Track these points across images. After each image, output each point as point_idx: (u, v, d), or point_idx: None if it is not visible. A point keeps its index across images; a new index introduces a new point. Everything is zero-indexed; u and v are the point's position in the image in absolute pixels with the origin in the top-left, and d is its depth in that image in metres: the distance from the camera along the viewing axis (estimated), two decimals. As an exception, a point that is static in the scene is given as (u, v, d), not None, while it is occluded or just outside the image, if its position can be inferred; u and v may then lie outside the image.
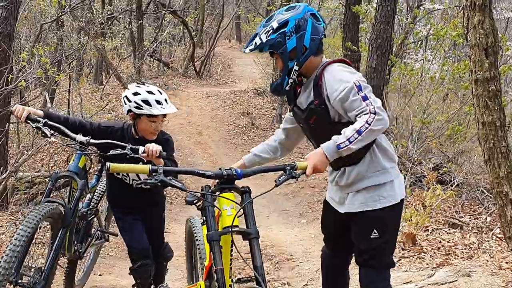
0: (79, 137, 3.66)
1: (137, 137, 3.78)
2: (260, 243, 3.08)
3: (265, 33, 2.84)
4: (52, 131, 3.62)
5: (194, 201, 3.02)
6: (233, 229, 2.55)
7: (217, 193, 2.69)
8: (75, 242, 3.95)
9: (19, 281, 3.27)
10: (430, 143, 8.81)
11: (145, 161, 3.54)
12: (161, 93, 3.69)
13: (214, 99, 17.91)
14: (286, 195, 9.56)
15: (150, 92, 3.64)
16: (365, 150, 2.85)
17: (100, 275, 5.56)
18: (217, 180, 2.75)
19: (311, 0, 20.03)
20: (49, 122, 3.63)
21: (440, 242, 5.80)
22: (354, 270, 3.28)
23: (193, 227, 3.67)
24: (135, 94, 3.63)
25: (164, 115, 3.71)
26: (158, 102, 3.63)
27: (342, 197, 3.03)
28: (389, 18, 8.33)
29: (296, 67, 2.87)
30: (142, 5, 17.59)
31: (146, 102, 3.60)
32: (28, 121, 3.64)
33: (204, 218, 3.08)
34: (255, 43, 2.87)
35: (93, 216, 4.23)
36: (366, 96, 2.67)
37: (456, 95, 10.76)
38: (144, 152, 3.46)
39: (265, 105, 17.36)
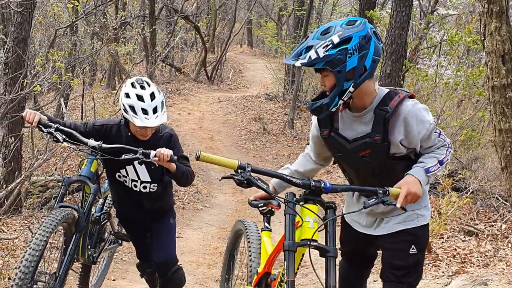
0: (91, 142, 3.57)
1: (130, 134, 3.65)
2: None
3: (323, 47, 2.52)
4: (64, 136, 3.56)
5: (259, 205, 3.06)
6: (312, 243, 2.49)
7: (301, 202, 2.60)
8: (89, 247, 3.92)
9: (34, 286, 3.27)
10: (444, 149, 8.73)
11: (157, 165, 3.50)
12: (152, 100, 3.46)
13: (225, 104, 17.93)
14: (298, 200, 9.51)
15: (139, 98, 3.44)
16: (404, 169, 2.77)
17: (113, 280, 5.56)
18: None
19: (323, 4, 20.02)
20: (61, 127, 3.57)
21: (455, 249, 5.74)
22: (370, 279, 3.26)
23: (247, 230, 3.47)
24: (127, 95, 3.49)
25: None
26: (144, 111, 3.43)
27: (372, 221, 2.96)
28: (404, 24, 8.29)
29: (351, 89, 2.60)
30: (155, 10, 17.65)
31: (132, 108, 3.44)
32: (40, 126, 3.58)
33: (266, 223, 3.17)
34: (309, 56, 2.54)
35: (106, 220, 4.22)
36: (440, 132, 2.75)
37: (470, 101, 10.69)
38: (155, 156, 3.40)
39: (277, 110, 17.34)
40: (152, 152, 3.41)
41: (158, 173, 3.69)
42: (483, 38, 4.53)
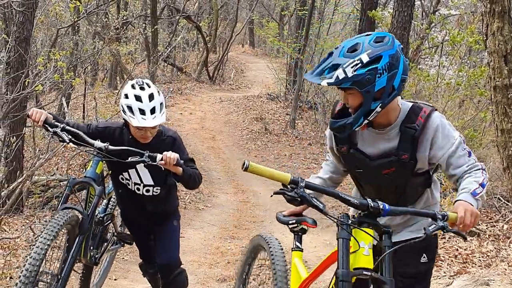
0: (97, 143, 3.53)
1: (130, 137, 3.62)
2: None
3: (351, 66, 2.36)
4: (70, 136, 3.52)
5: (290, 222, 2.86)
6: (368, 273, 2.23)
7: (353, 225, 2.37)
8: (91, 247, 3.89)
9: (35, 287, 3.25)
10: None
11: (163, 168, 3.47)
12: (150, 101, 3.41)
13: (227, 104, 17.94)
14: (300, 201, 9.50)
15: (137, 98, 3.41)
16: (425, 189, 2.73)
17: (115, 279, 5.57)
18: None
19: (325, 4, 20.01)
20: (67, 127, 3.53)
21: (457, 250, 5.74)
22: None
23: (270, 248, 3.06)
24: (126, 96, 3.46)
25: (155, 126, 3.48)
26: (142, 111, 3.38)
27: None
28: (406, 24, 8.29)
29: (378, 109, 2.46)
30: (157, 10, 17.67)
31: (130, 108, 3.41)
32: (46, 125, 3.52)
33: (298, 242, 2.95)
34: (337, 76, 2.38)
35: (110, 221, 4.19)
36: (470, 151, 2.61)
37: (472, 101, 10.68)
38: (162, 159, 3.37)
39: (278, 110, 17.34)
40: (159, 156, 3.38)
41: (161, 176, 3.67)
42: (485, 38, 4.53)
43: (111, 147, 3.52)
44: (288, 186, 2.27)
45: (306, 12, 16.65)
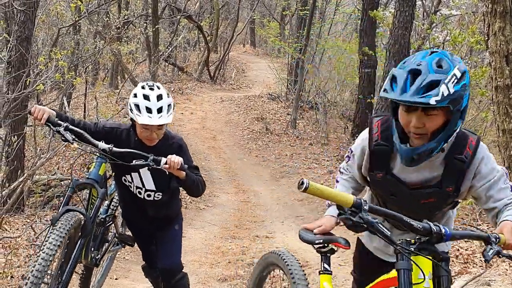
0: (102, 144, 3.47)
1: (136, 139, 3.58)
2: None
3: (452, 82, 2.12)
4: (73, 136, 3.44)
5: (316, 241, 2.54)
6: None
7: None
8: (92, 249, 3.85)
9: None
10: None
11: (167, 172, 3.44)
12: (158, 100, 3.39)
13: (228, 103, 17.94)
14: (300, 200, 9.52)
15: (145, 97, 3.40)
16: (452, 208, 2.63)
17: (116, 279, 5.57)
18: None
19: (326, 4, 20.01)
20: (70, 127, 3.45)
21: (458, 250, 5.73)
22: None
23: (289, 268, 2.71)
24: (134, 95, 3.45)
25: (161, 126, 3.44)
26: (149, 110, 3.36)
27: None
28: (407, 24, 8.29)
29: (458, 129, 2.24)
30: (158, 9, 17.67)
31: (137, 107, 3.39)
32: (48, 123, 3.45)
33: (326, 264, 2.60)
34: (442, 93, 2.10)
35: (111, 222, 4.16)
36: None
37: (473, 102, 10.67)
38: (166, 163, 3.33)
39: (279, 110, 17.34)
40: (163, 159, 3.35)
41: (164, 182, 3.64)
42: (486, 38, 4.52)
43: (115, 148, 3.47)
44: (348, 209, 1.98)
45: (307, 12, 16.65)
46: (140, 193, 3.69)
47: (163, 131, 3.54)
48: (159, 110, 3.38)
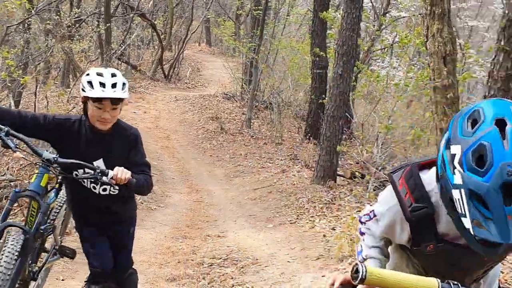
0: (46, 154, 3.27)
1: (88, 124, 3.38)
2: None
3: None
4: (16, 143, 3.20)
5: None
6: None
7: None
8: (30, 262, 3.57)
9: None
10: (394, 148, 8.97)
11: (115, 183, 3.25)
12: (112, 77, 3.24)
13: (182, 103, 17.87)
14: (253, 200, 9.58)
15: (99, 74, 3.23)
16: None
17: (62, 279, 5.49)
18: None
19: (280, 4, 20.17)
20: (11, 131, 3.16)
21: None
22: None
23: None
24: (87, 74, 3.27)
25: (115, 104, 3.26)
26: (102, 84, 3.18)
27: None
28: (355, 25, 8.45)
29: None
30: (111, 7, 17.47)
31: (90, 83, 3.19)
32: None
33: None
34: None
35: (50, 232, 3.92)
36: None
37: (420, 102, 10.99)
38: (112, 178, 3.19)
39: (235, 109, 17.40)
40: (110, 172, 3.19)
41: None
42: (425, 40, 4.69)
43: (60, 159, 3.29)
44: None
45: (260, 12, 16.76)
46: (95, 188, 3.51)
47: (117, 113, 3.37)
48: (113, 86, 3.21)
